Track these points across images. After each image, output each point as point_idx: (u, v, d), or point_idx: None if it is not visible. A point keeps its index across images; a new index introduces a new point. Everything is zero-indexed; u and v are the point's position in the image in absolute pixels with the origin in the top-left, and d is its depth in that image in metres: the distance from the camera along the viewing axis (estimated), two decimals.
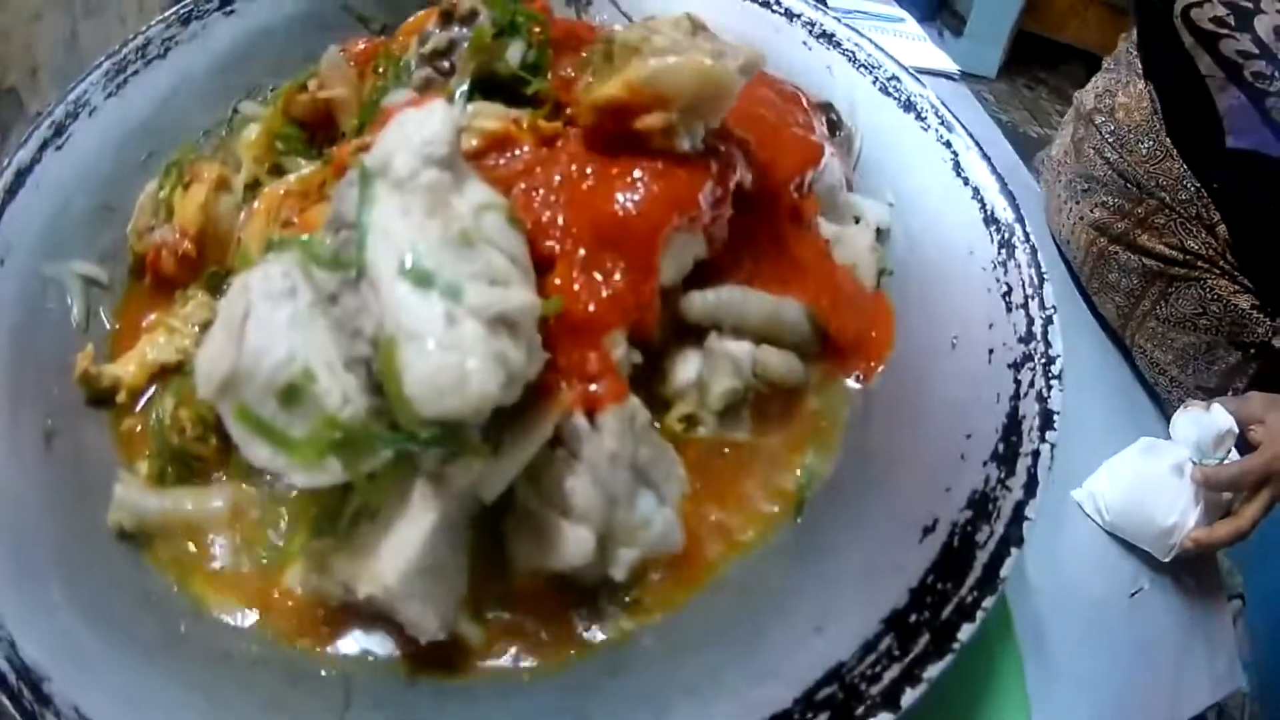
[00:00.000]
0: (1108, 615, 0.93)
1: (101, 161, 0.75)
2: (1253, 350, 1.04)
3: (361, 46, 0.75)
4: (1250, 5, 0.96)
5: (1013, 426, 0.53)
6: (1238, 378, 1.06)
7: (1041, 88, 3.17)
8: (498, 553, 0.49)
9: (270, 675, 0.49)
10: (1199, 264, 1.05)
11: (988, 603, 0.45)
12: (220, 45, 0.83)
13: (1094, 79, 1.20)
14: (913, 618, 0.45)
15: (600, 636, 0.49)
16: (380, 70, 0.71)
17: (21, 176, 0.71)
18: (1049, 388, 0.54)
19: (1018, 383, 0.55)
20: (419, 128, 0.48)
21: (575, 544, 0.45)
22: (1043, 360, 0.56)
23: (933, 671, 0.42)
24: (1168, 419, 1.02)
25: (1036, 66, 3.22)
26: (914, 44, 1.39)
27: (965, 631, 0.44)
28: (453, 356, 0.40)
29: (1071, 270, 1.19)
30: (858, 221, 0.68)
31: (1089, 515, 0.96)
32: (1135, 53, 1.11)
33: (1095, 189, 1.12)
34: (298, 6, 0.85)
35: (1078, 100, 1.21)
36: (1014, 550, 0.47)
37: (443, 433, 0.42)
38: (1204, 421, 0.94)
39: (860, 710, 0.42)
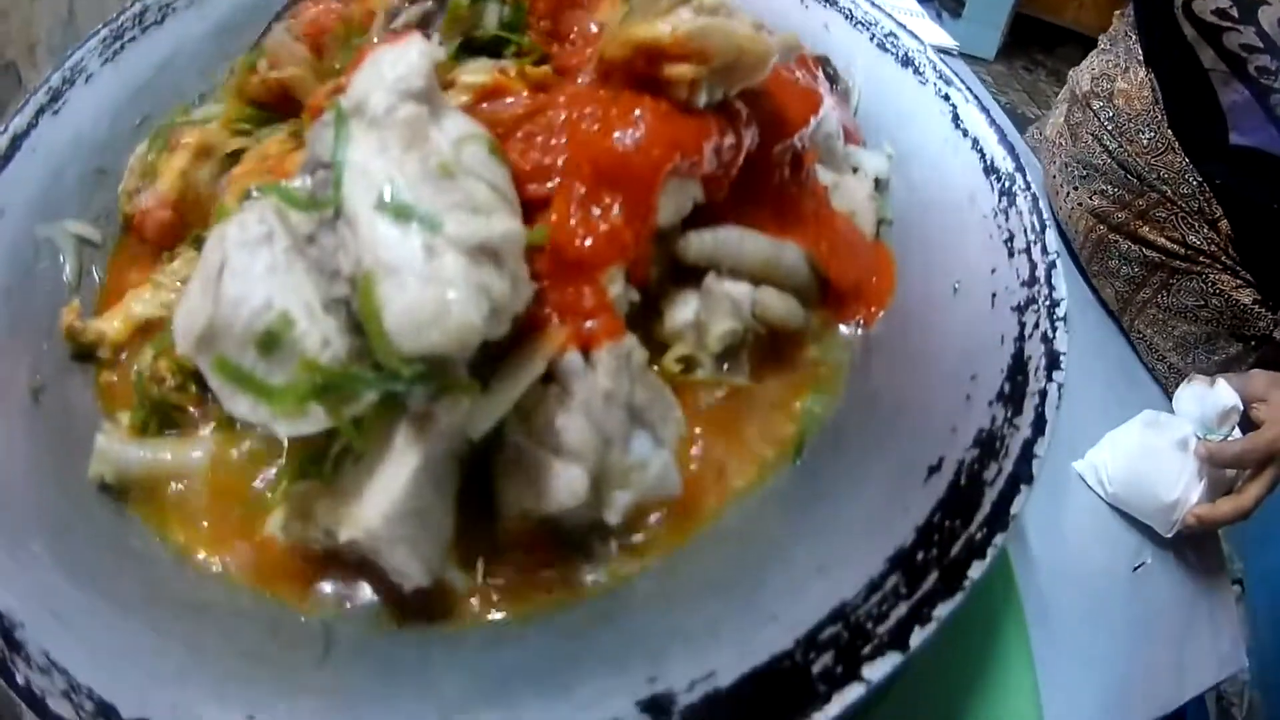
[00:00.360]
0: (1111, 589, 0.92)
1: (97, 127, 0.76)
2: (1253, 342, 1.04)
3: (312, 13, 0.73)
4: None
5: (1018, 367, 0.51)
6: (1237, 367, 1.06)
7: (1040, 70, 3.19)
8: (486, 497, 0.48)
9: (250, 625, 0.47)
10: (1200, 258, 1.04)
11: (998, 539, 0.43)
12: (218, 11, 0.84)
13: (1089, 58, 1.19)
14: (920, 556, 0.43)
15: (593, 582, 0.48)
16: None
17: (17, 141, 0.72)
18: (1054, 329, 0.53)
19: (1022, 325, 0.54)
20: (394, 64, 0.47)
21: (568, 483, 0.44)
22: (1047, 303, 0.54)
23: (943, 610, 0.41)
24: (1168, 395, 1.01)
25: (1035, 49, 3.25)
26: (910, 19, 1.38)
27: (976, 569, 0.42)
28: (432, 289, 0.39)
29: (1070, 248, 1.18)
30: (855, 172, 0.67)
31: (1091, 487, 0.95)
32: (1134, 35, 1.10)
33: (1094, 176, 1.11)
34: None
35: (1072, 80, 1.20)
36: (1024, 488, 0.45)
37: (427, 370, 0.40)
38: (1208, 397, 0.93)
39: (867, 650, 0.40)
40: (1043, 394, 0.50)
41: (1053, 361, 0.51)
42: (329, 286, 0.44)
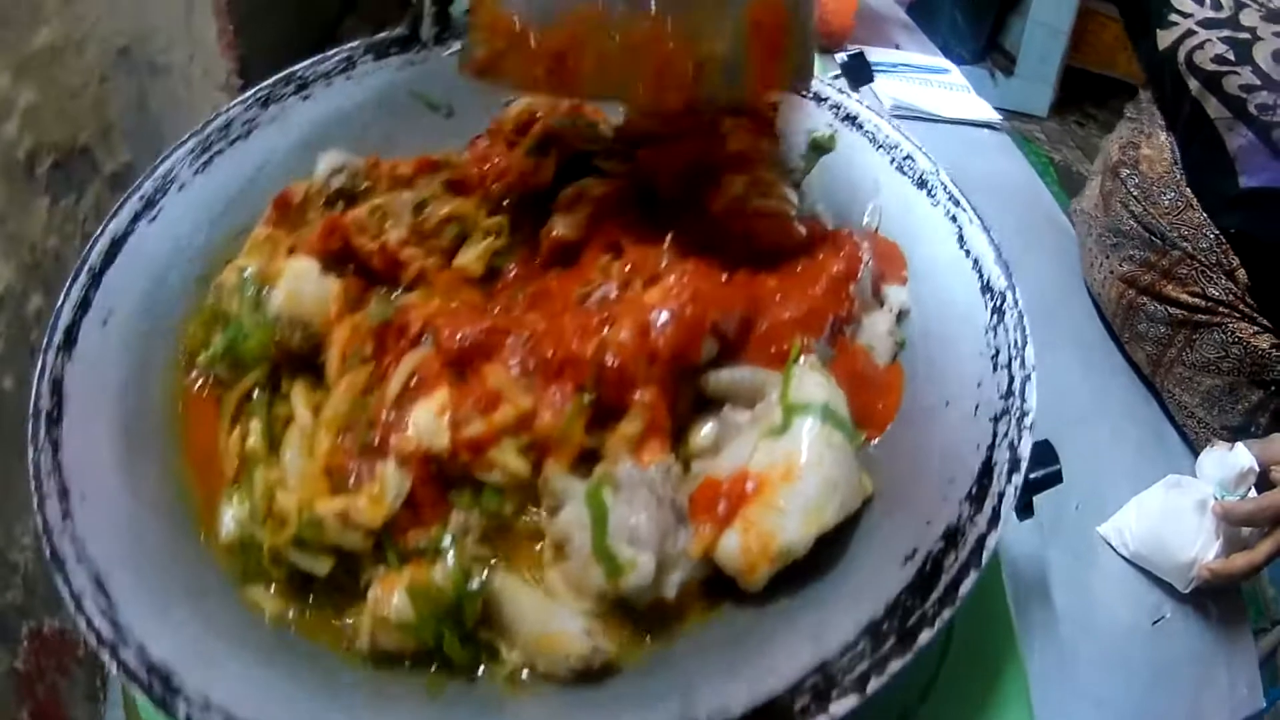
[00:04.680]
0: (1131, 642, 1.08)
1: (195, 234, 0.91)
2: (1273, 388, 1.19)
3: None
4: (1248, 35, 1.10)
5: (986, 471, 0.70)
6: (1260, 414, 1.20)
7: (1092, 124, 3.28)
8: None
9: (377, 672, 0.69)
10: (1220, 309, 1.19)
11: (945, 614, 0.63)
12: (300, 127, 0.99)
13: (1118, 128, 1.35)
14: (884, 625, 0.63)
15: (648, 640, 0.69)
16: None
17: (117, 245, 0.86)
18: (1020, 437, 0.71)
19: (995, 434, 0.72)
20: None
21: (643, 567, 0.65)
22: (1018, 414, 0.72)
23: (895, 665, 0.61)
24: (1196, 454, 1.17)
25: (1088, 103, 3.34)
26: (957, 94, 1.56)
27: (924, 635, 0.62)
28: None
29: (1104, 317, 1.34)
30: (881, 305, 0.84)
31: (1115, 548, 1.12)
32: (1156, 103, 1.25)
33: (1123, 244, 1.26)
34: (368, 93, 1.01)
35: (1105, 152, 1.36)
36: (972, 573, 0.65)
37: None
38: (1227, 460, 1.09)
39: (835, 692, 0.60)
40: (1001, 495, 0.69)
41: (1014, 466, 0.70)
42: None
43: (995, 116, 1.50)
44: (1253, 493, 1.07)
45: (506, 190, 0.88)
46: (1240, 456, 1.08)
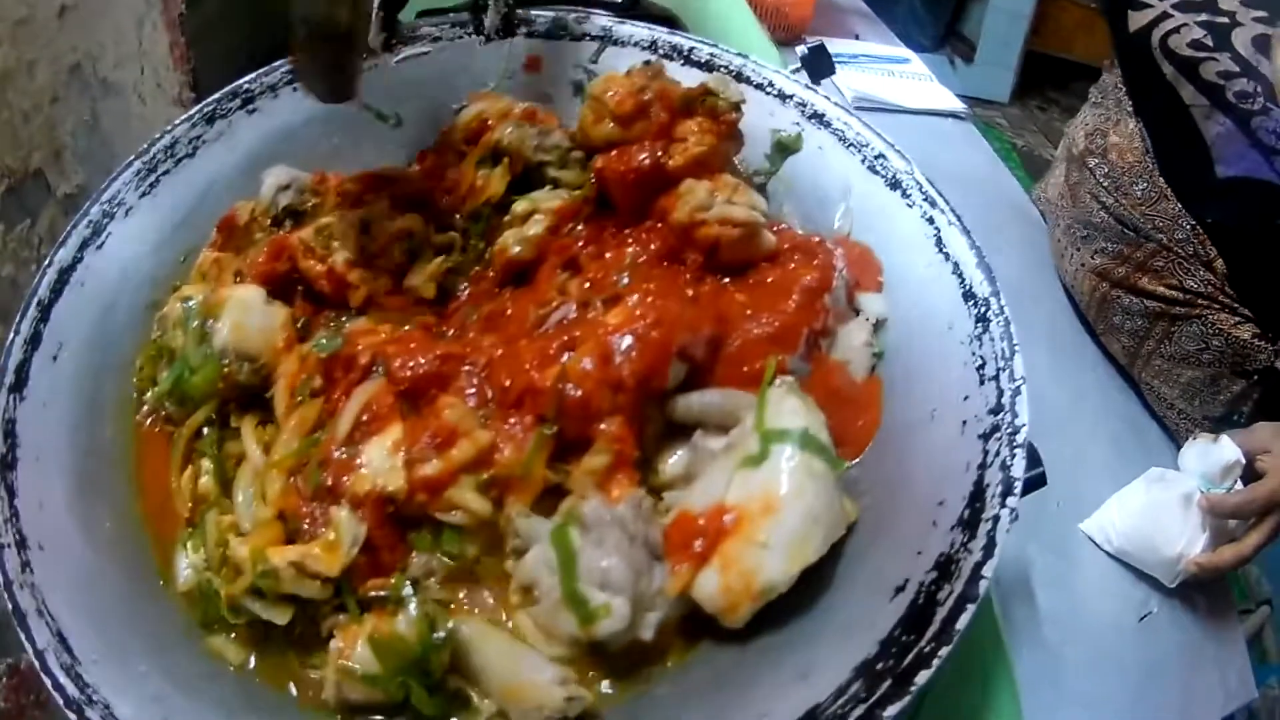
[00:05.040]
0: (1117, 639, 1.07)
1: (142, 262, 0.86)
2: (1255, 377, 1.17)
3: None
4: (1226, 20, 1.07)
5: (978, 494, 0.66)
6: (1242, 404, 1.19)
7: (1054, 108, 3.30)
8: None
9: None
10: (1199, 301, 1.17)
11: (943, 652, 0.59)
12: (247, 144, 0.94)
13: (1082, 113, 1.32)
14: (879, 665, 0.59)
15: (620, 686, 0.65)
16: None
17: (65, 275, 0.82)
18: (1012, 456, 0.67)
19: (985, 452, 0.68)
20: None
21: (617, 612, 0.61)
22: (1009, 431, 0.69)
23: (892, 710, 0.57)
24: (1177, 450, 1.15)
25: (1048, 87, 3.35)
26: (920, 84, 1.52)
27: (922, 676, 0.58)
28: None
29: (1077, 309, 1.31)
30: (857, 314, 0.80)
31: (1099, 545, 1.10)
32: (1123, 87, 1.22)
33: (1094, 235, 1.24)
34: (316, 106, 0.94)
35: (1068, 139, 1.32)
36: (969, 606, 0.61)
37: None
38: (1211, 453, 1.07)
39: None
40: (995, 519, 0.65)
41: (1008, 488, 0.66)
42: None
43: (959, 105, 1.47)
44: (1239, 485, 1.05)
45: (457, 204, 0.83)
46: (1226, 449, 1.06)
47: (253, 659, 0.69)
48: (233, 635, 0.70)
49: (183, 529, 0.75)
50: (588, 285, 0.74)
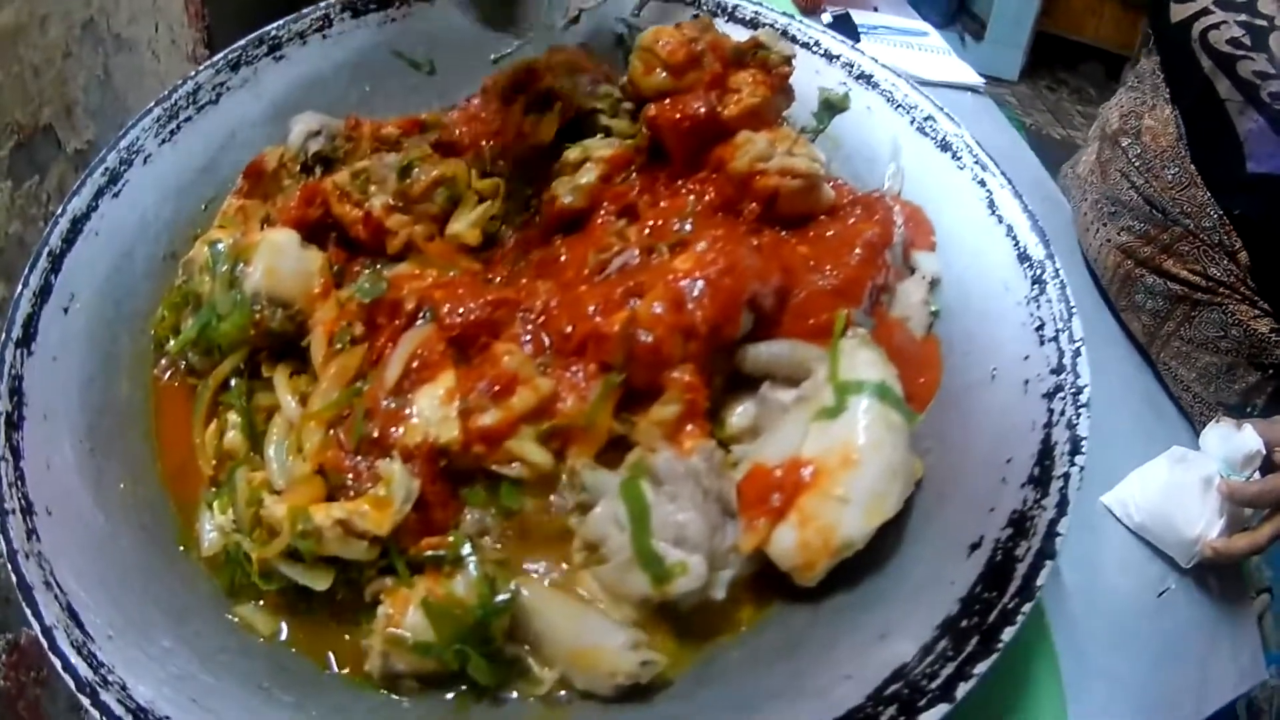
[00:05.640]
0: (1137, 615, 1.06)
1: (161, 209, 0.83)
2: (1271, 371, 1.17)
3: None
4: (1265, 23, 1.07)
5: (1046, 452, 0.65)
6: (1257, 395, 1.19)
7: (1063, 89, 3.32)
8: None
9: (392, 699, 0.61)
10: (1221, 290, 1.17)
11: (1026, 609, 0.57)
12: (273, 91, 0.91)
13: (1118, 95, 1.31)
14: (964, 623, 0.57)
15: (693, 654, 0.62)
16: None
17: (78, 224, 0.78)
18: (1078, 415, 0.66)
19: (1050, 411, 0.67)
20: None
21: (694, 570, 0.58)
22: (1072, 390, 0.68)
23: (981, 667, 0.55)
24: (1194, 428, 1.15)
25: (1057, 68, 3.37)
26: (938, 58, 1.51)
27: (1008, 633, 0.56)
28: None
29: (1098, 284, 1.31)
30: (913, 273, 0.79)
31: (1119, 519, 1.09)
32: (1160, 73, 1.22)
33: (1122, 213, 1.23)
34: (345, 53, 0.93)
35: (1102, 118, 1.32)
36: (1048, 563, 0.60)
37: None
38: (1234, 439, 1.07)
39: (923, 702, 0.54)
40: (1066, 477, 0.64)
41: (1075, 447, 0.65)
42: None
43: (978, 80, 1.46)
44: (1258, 474, 1.05)
45: (501, 151, 0.80)
46: (1248, 438, 1.05)
47: (285, 629, 0.65)
48: (262, 603, 0.66)
49: (206, 489, 0.71)
50: (648, 232, 0.71)
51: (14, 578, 0.61)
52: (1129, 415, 1.17)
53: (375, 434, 0.64)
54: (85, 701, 0.56)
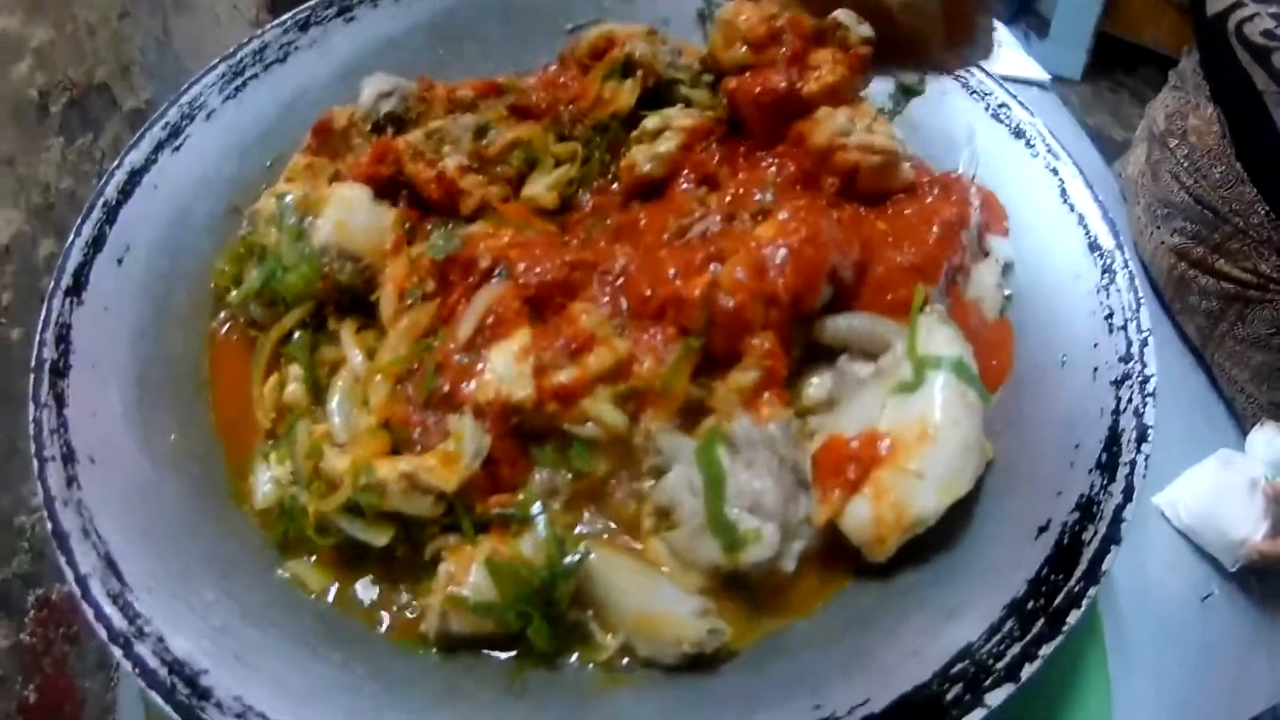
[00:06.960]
0: (1182, 618, 1.06)
1: (224, 165, 0.83)
2: None
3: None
4: None
5: (1114, 439, 0.65)
6: None
7: (1123, 91, 3.29)
8: None
9: (444, 661, 0.60)
10: (1271, 286, 1.17)
11: (1091, 592, 0.58)
12: (343, 52, 0.91)
13: (1162, 95, 1.31)
14: (1030, 604, 0.58)
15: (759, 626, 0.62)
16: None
17: (136, 177, 0.78)
18: (1144, 404, 0.67)
19: (1118, 399, 0.67)
20: None
21: (768, 538, 0.59)
22: (1140, 379, 0.68)
23: (1047, 649, 0.55)
24: (1242, 431, 1.15)
25: (1119, 70, 3.34)
26: (1005, 52, 1.50)
27: (1073, 616, 0.57)
28: None
29: (1154, 286, 1.31)
30: (987, 256, 0.79)
31: (1168, 519, 1.09)
32: (1201, 71, 1.22)
33: (1174, 215, 1.23)
34: (418, 16, 0.93)
35: (1149, 119, 1.32)
36: (1114, 548, 0.60)
37: None
38: (1278, 442, 1.07)
39: (989, 681, 0.54)
40: (1132, 464, 0.64)
41: (1142, 435, 0.65)
42: None
43: (1044, 75, 1.45)
44: None
45: (580, 116, 0.80)
46: None
47: (335, 587, 0.64)
48: (314, 558, 0.65)
49: (262, 441, 0.70)
50: (729, 200, 0.71)
51: (49, 525, 0.60)
52: (1181, 418, 1.17)
53: (446, 389, 0.64)
54: (117, 653, 0.55)
